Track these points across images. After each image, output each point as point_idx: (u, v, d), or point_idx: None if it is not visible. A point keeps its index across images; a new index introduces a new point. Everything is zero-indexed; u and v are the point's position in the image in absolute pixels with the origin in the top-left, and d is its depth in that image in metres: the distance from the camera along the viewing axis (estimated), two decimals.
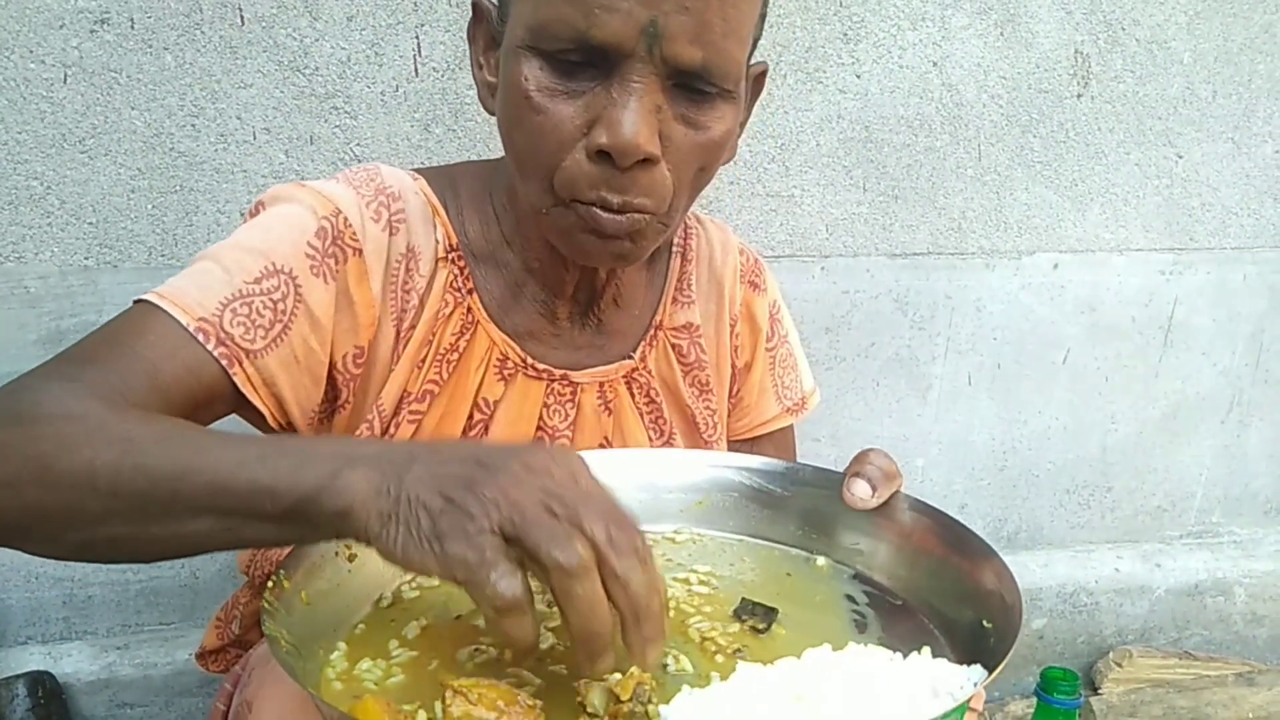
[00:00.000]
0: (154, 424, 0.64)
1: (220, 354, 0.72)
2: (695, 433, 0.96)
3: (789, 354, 1.05)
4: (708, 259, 0.97)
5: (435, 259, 0.83)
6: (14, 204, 1.15)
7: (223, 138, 1.18)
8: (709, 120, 0.73)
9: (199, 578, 1.35)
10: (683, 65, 0.69)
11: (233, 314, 0.73)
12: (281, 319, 0.75)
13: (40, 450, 0.61)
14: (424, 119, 1.23)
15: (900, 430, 1.57)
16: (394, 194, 0.81)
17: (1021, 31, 1.40)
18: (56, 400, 0.64)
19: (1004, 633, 0.64)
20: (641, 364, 0.92)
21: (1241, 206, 1.58)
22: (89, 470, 0.59)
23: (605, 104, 0.70)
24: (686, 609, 0.72)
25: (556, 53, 0.70)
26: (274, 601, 0.61)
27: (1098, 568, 1.71)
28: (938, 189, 1.45)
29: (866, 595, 0.76)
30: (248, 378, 0.74)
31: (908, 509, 0.79)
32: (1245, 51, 1.49)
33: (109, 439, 0.61)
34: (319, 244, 0.77)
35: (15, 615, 1.30)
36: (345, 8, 1.17)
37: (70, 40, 1.11)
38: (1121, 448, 1.69)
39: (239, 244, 0.76)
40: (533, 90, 0.71)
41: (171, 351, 0.70)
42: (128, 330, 0.71)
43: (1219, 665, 1.69)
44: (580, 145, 0.71)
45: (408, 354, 0.82)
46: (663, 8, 0.67)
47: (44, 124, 1.13)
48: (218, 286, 0.74)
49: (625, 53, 0.68)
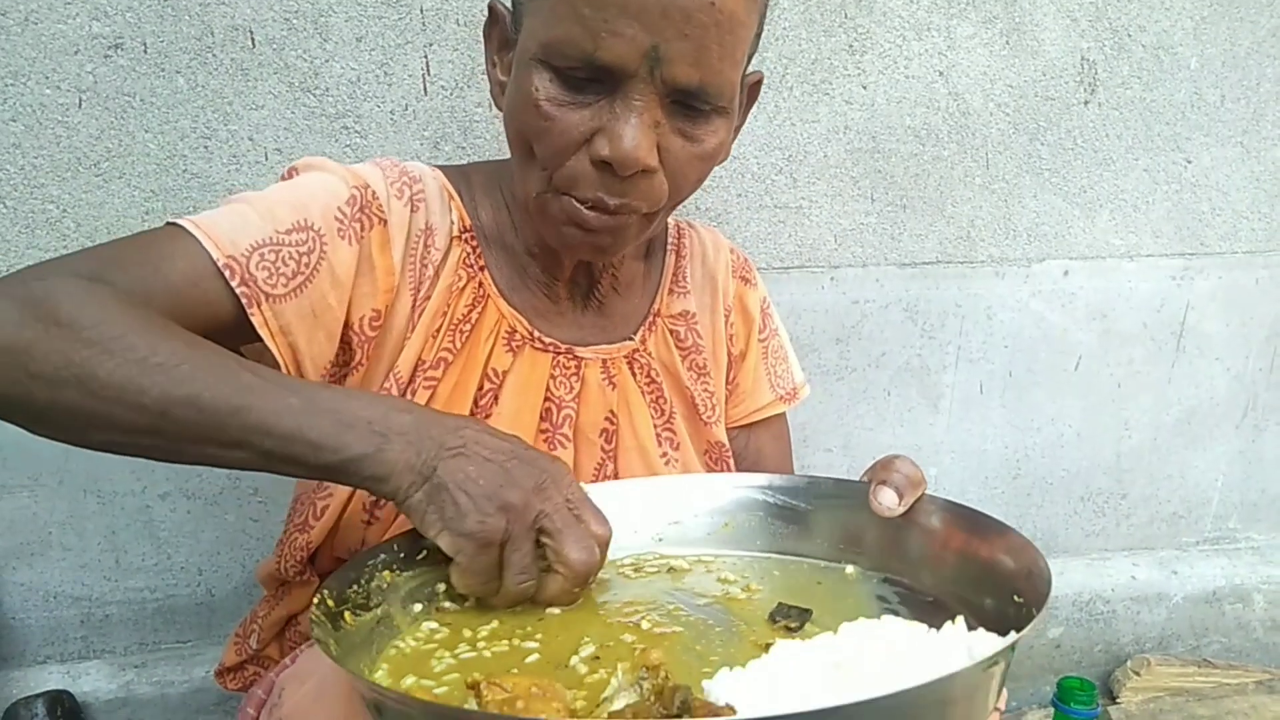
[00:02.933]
0: (199, 349, 0.67)
1: (243, 293, 0.75)
2: (694, 414, 1.00)
3: (780, 346, 1.11)
4: (700, 255, 1.04)
5: (450, 237, 0.88)
6: (31, 227, 1.17)
7: (235, 159, 1.20)
8: (703, 134, 0.79)
9: (215, 595, 1.35)
10: (681, 86, 0.75)
11: (260, 258, 0.76)
12: (304, 271, 0.79)
13: (84, 356, 0.64)
14: (433, 137, 1.25)
15: (912, 440, 1.57)
16: (414, 177, 0.88)
17: (1027, 40, 1.40)
18: (92, 304, 0.66)
19: (1034, 599, 0.65)
20: (642, 346, 0.97)
21: (1252, 210, 1.58)
22: (138, 389, 0.64)
23: (609, 118, 0.76)
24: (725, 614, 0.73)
25: (565, 68, 0.75)
26: (320, 616, 0.63)
27: (1114, 575, 1.70)
28: (946, 198, 1.45)
29: (897, 595, 0.77)
30: (265, 320, 0.77)
31: (933, 510, 0.80)
32: (1252, 56, 1.48)
33: (159, 361, 0.65)
34: (348, 210, 0.82)
35: (34, 634, 1.31)
36: (355, 29, 1.18)
37: (85, 65, 1.12)
38: (1136, 454, 1.68)
39: (274, 196, 0.80)
40: (543, 100, 0.76)
41: (196, 280, 0.74)
42: (157, 249, 0.74)
43: (1239, 673, 1.67)
44: (584, 151, 0.77)
45: (423, 323, 0.86)
46: (664, 34, 0.72)
47: (59, 148, 1.15)
48: (251, 229, 0.77)
49: (628, 73, 0.74)
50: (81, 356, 0.64)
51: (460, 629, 0.70)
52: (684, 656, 0.66)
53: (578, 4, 0.72)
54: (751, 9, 0.77)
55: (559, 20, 0.74)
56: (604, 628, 0.70)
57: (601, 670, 0.63)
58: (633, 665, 0.59)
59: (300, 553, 0.87)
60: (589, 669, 0.64)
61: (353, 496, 0.85)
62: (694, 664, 0.65)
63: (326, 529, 0.86)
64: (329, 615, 0.64)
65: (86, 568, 1.30)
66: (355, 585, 0.69)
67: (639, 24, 0.71)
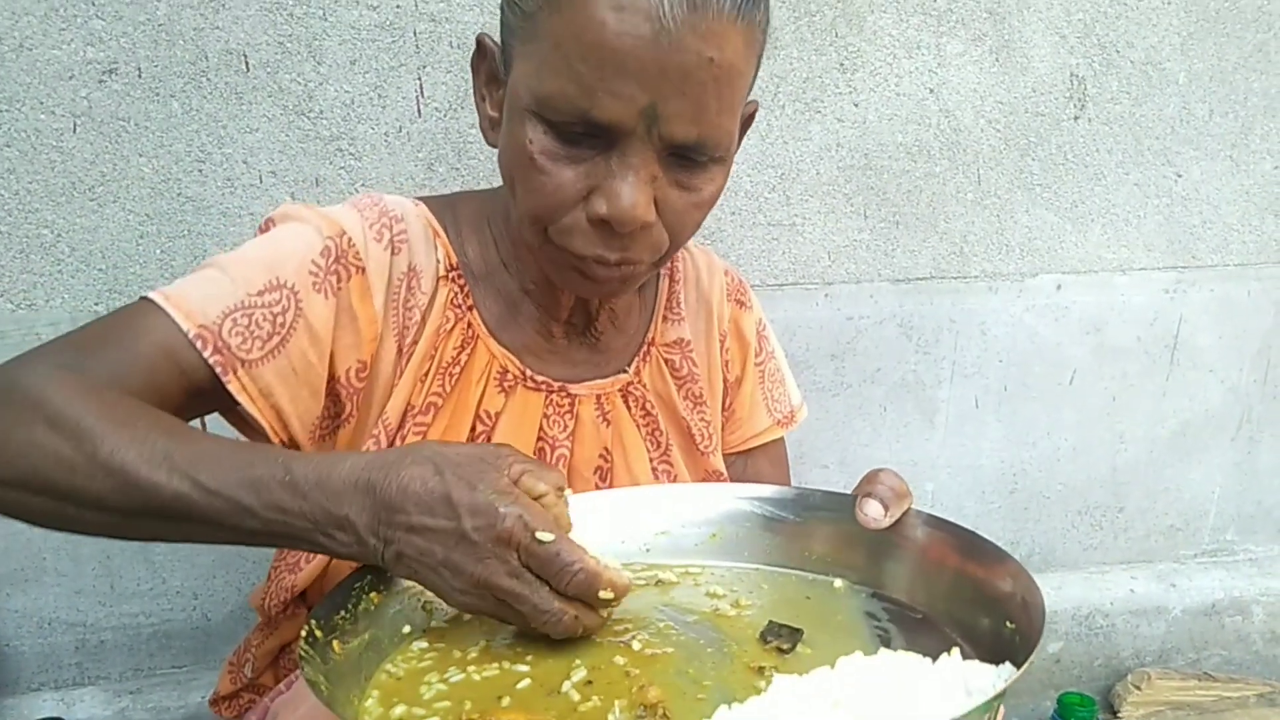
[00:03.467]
0: (144, 445, 0.67)
1: (215, 361, 0.75)
2: (691, 444, 0.99)
3: (776, 369, 1.09)
4: (695, 279, 1.02)
5: (436, 277, 0.86)
6: (25, 252, 1.17)
7: (229, 182, 1.20)
8: (701, 183, 0.78)
9: (210, 619, 1.35)
10: (678, 143, 0.73)
11: (232, 323, 0.76)
12: (280, 331, 0.78)
13: (42, 464, 0.66)
14: (427, 158, 1.25)
15: (908, 455, 1.57)
16: (396, 216, 0.85)
17: (1016, 56, 1.41)
18: (53, 398, 0.68)
19: (1028, 630, 0.64)
20: (636, 378, 0.95)
21: (1243, 223, 1.59)
22: (97, 498, 0.66)
23: (605, 174, 0.74)
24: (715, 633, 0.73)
25: (560, 123, 0.73)
26: (309, 650, 0.62)
27: (1112, 589, 1.70)
28: (938, 214, 1.46)
29: (887, 612, 0.77)
30: (243, 386, 0.76)
31: (920, 524, 0.80)
32: (1239, 70, 1.50)
33: (106, 465, 0.66)
34: (323, 262, 0.80)
35: (28, 662, 1.30)
36: (349, 52, 1.19)
37: (79, 90, 1.13)
38: (1132, 467, 1.68)
39: (246, 256, 0.79)
40: (537, 153, 0.74)
41: (169, 353, 0.74)
42: (129, 326, 0.75)
43: (1240, 686, 1.67)
44: (580, 207, 0.76)
45: (410, 368, 0.84)
46: (662, 92, 0.70)
47: (54, 173, 1.15)
48: (222, 295, 0.76)
49: (625, 131, 0.72)
50: (40, 462, 0.67)
51: (450, 649, 0.69)
52: (676, 680, 0.65)
53: (572, 59, 0.70)
54: (750, 57, 0.76)
55: (553, 74, 0.71)
56: (595, 648, 0.69)
57: (595, 697, 0.63)
58: (630, 703, 0.59)
59: (286, 593, 0.86)
60: (581, 695, 0.63)
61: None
62: (687, 688, 0.64)
63: (315, 574, 0.85)
64: (317, 647, 0.64)
65: (81, 593, 1.29)
66: (343, 611, 0.68)
67: (636, 82, 0.69)
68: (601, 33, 0.68)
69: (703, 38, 0.69)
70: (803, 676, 0.62)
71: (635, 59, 0.69)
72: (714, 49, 0.70)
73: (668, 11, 0.68)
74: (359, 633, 0.68)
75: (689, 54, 0.69)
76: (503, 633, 0.71)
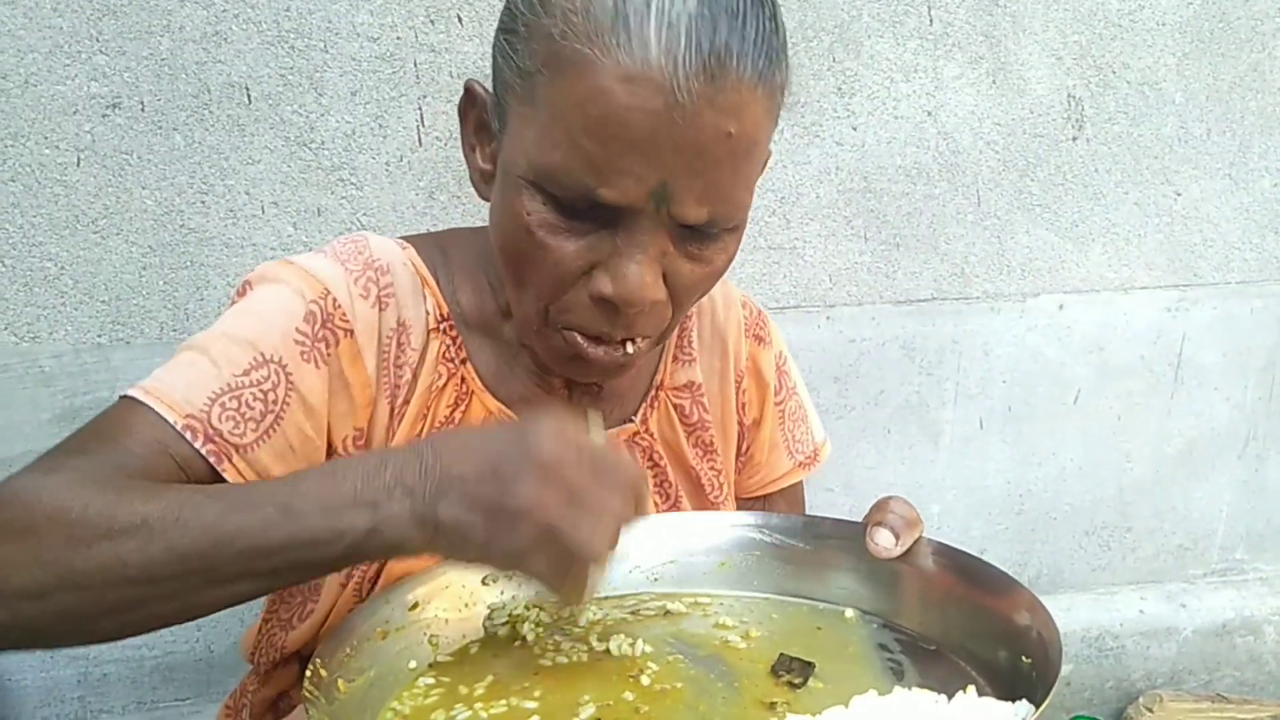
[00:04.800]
0: (162, 497, 0.62)
1: (209, 451, 0.70)
2: (701, 494, 0.94)
3: (798, 406, 1.02)
4: (710, 314, 0.95)
5: (426, 330, 0.80)
6: (29, 285, 1.17)
7: (232, 213, 1.20)
8: (713, 254, 0.73)
9: (214, 652, 1.34)
10: (690, 222, 0.68)
11: (221, 408, 0.71)
12: (273, 409, 0.73)
13: (54, 555, 0.60)
14: (428, 187, 1.26)
15: (914, 477, 1.57)
16: (382, 268, 0.79)
17: (1013, 79, 1.42)
18: (51, 495, 0.62)
19: (1044, 667, 0.63)
20: (643, 427, 0.90)
21: (1244, 241, 1.59)
22: (118, 562, 0.59)
23: (610, 252, 0.68)
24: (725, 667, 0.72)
25: (562, 197, 0.67)
26: (314, 691, 0.61)
27: (1122, 610, 1.68)
28: (939, 235, 1.46)
29: (899, 643, 0.76)
30: (239, 473, 0.71)
31: (931, 553, 0.79)
32: (1235, 90, 1.50)
33: (126, 525, 0.60)
34: (308, 329, 0.75)
35: (30, 696, 1.30)
36: (349, 83, 1.20)
37: (83, 125, 1.14)
38: (1139, 487, 1.67)
39: (226, 334, 0.74)
40: (535, 226, 0.69)
41: (161, 449, 0.69)
42: (115, 427, 0.70)
43: (1254, 707, 1.65)
44: (581, 285, 0.70)
45: (402, 431, 0.80)
46: (674, 170, 0.65)
47: (58, 206, 1.16)
48: (206, 380, 0.71)
49: (634, 211, 0.67)
50: (51, 555, 0.59)
51: (456, 685, 0.69)
52: (686, 717, 0.64)
53: (576, 133, 0.64)
54: (769, 125, 0.70)
55: (554, 146, 0.65)
56: (604, 684, 0.68)
57: None
58: None
59: (276, 651, 0.83)
60: None
61: (333, 609, 0.80)
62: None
63: (306, 637, 0.82)
64: (322, 688, 0.63)
65: None
66: (346, 649, 0.68)
67: (646, 161, 0.64)
68: (608, 106, 0.62)
69: (721, 111, 0.64)
70: (816, 717, 0.61)
71: (647, 136, 0.63)
72: (733, 123, 0.65)
73: (683, 83, 0.62)
74: (364, 670, 0.67)
75: (705, 130, 0.64)
76: (510, 667, 0.70)
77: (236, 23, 1.15)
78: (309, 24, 1.17)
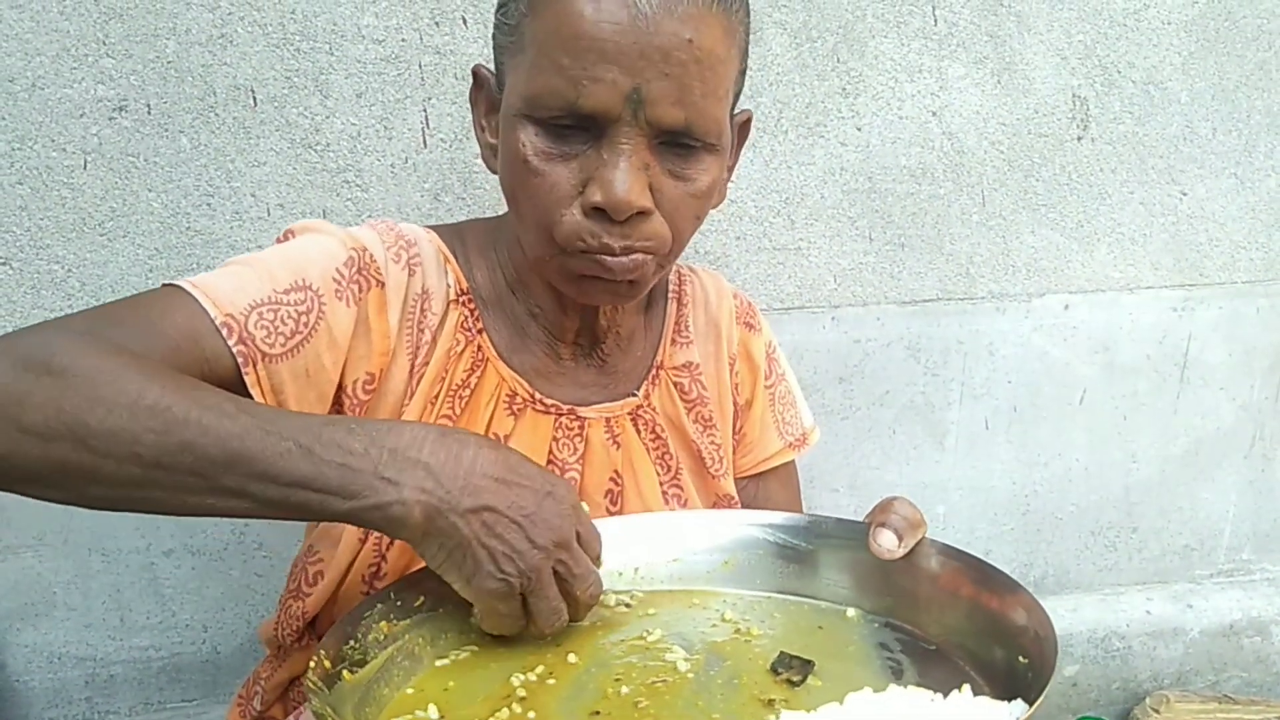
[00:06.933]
0: (192, 393, 0.65)
1: (239, 351, 0.74)
2: (702, 468, 0.99)
3: (787, 391, 1.09)
4: (703, 303, 1.02)
5: (447, 301, 0.88)
6: (36, 287, 1.18)
7: (238, 215, 1.21)
8: (695, 172, 0.79)
9: (221, 653, 1.34)
10: (666, 126, 0.75)
11: (259, 316, 0.76)
12: (302, 331, 0.78)
13: (74, 404, 0.62)
14: (433, 189, 1.26)
15: (919, 478, 1.56)
16: (410, 240, 0.87)
17: (1018, 79, 1.42)
18: (85, 353, 0.65)
19: (1040, 667, 0.64)
20: (645, 401, 0.96)
21: (1250, 240, 1.58)
22: (131, 438, 0.62)
23: (597, 165, 0.75)
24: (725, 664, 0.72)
25: (549, 120, 0.75)
26: (317, 681, 0.62)
27: (1128, 610, 1.68)
28: (944, 235, 1.46)
29: (899, 643, 0.76)
30: (257, 380, 0.76)
31: (934, 554, 0.79)
32: (1241, 89, 1.50)
33: (151, 406, 0.63)
34: (346, 271, 0.81)
35: (38, 697, 1.30)
36: (354, 85, 1.20)
37: (90, 128, 1.14)
38: (1145, 487, 1.67)
39: (272, 258, 0.80)
40: (530, 155, 0.76)
41: (194, 337, 0.73)
42: (155, 307, 0.74)
43: (1262, 708, 1.64)
44: (576, 202, 0.77)
45: (421, 389, 0.85)
46: (645, 75, 0.72)
47: (65, 209, 1.16)
48: (249, 288, 0.77)
49: (612, 118, 0.74)
50: (72, 405, 0.62)
51: (460, 680, 0.69)
52: (685, 713, 0.65)
53: (555, 55, 0.73)
54: (730, 44, 0.77)
55: (539, 73, 0.74)
56: (606, 677, 0.69)
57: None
58: None
59: (296, 621, 0.86)
60: None
61: (351, 566, 0.84)
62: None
63: (323, 600, 0.85)
64: (326, 679, 0.63)
65: (91, 627, 1.29)
66: (352, 641, 0.68)
67: (618, 67, 0.72)
68: (580, 24, 0.71)
69: (679, 20, 0.72)
70: (811, 713, 0.62)
71: (615, 44, 0.71)
72: (691, 30, 0.72)
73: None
74: (368, 661, 0.68)
75: (667, 35, 0.72)
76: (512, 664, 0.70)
77: (242, 25, 1.15)
78: (314, 26, 1.17)
